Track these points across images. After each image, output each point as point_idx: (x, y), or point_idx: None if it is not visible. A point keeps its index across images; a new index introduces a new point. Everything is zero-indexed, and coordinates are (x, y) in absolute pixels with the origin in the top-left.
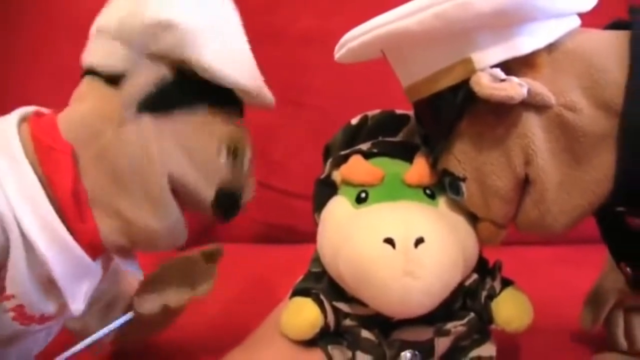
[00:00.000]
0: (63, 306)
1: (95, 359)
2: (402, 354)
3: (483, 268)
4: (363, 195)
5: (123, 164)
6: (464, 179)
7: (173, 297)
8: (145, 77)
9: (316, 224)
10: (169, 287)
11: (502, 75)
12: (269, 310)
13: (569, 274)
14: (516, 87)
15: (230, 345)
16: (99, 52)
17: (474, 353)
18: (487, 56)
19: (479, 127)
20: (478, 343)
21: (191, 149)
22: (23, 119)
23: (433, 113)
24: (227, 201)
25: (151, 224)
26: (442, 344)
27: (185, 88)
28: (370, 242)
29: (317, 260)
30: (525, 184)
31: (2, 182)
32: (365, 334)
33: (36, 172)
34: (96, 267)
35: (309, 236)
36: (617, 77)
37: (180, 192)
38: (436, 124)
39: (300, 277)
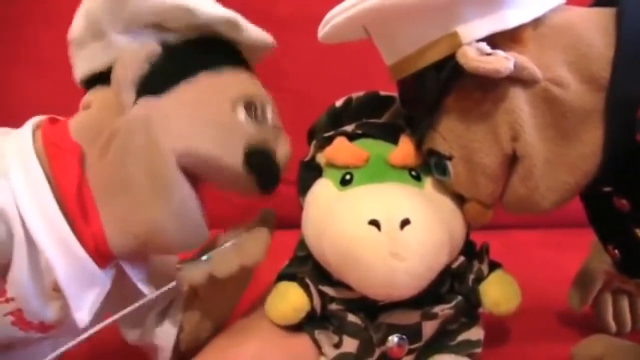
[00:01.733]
0: (64, 315)
1: None
2: (389, 338)
3: (470, 251)
4: (348, 177)
5: (125, 150)
6: (450, 158)
7: (219, 264)
8: (131, 55)
9: (301, 208)
10: (216, 255)
11: (488, 49)
12: (253, 296)
13: (556, 257)
14: (502, 61)
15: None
16: (81, 62)
17: (462, 337)
18: (473, 29)
19: (466, 103)
20: (466, 327)
21: (202, 116)
22: (38, 126)
23: (418, 90)
24: (259, 159)
25: (154, 214)
26: (429, 328)
27: (178, 58)
28: (355, 223)
29: (302, 243)
30: (511, 161)
31: (11, 180)
32: (351, 318)
33: (45, 173)
34: (104, 277)
35: (292, 221)
36: (603, 51)
37: (204, 167)
38: (421, 101)
39: (287, 262)
